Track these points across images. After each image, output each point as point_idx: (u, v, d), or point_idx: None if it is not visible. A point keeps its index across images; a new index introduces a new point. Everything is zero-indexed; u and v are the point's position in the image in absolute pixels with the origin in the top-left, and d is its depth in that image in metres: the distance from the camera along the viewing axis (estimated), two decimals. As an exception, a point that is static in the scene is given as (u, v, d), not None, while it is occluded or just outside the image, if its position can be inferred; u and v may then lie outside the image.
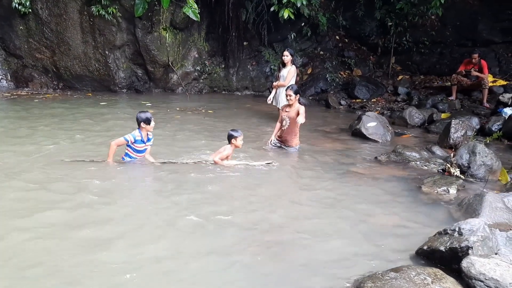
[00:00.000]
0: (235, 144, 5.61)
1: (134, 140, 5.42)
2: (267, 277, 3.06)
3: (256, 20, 11.79)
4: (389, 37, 12.27)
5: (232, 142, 5.61)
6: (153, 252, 3.30)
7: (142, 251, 3.30)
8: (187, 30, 11.53)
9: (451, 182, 5.06)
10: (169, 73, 11.58)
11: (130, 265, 3.09)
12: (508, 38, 11.46)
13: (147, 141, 5.56)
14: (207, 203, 4.31)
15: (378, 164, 6.02)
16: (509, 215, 4.11)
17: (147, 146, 5.58)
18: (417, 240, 3.54)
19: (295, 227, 3.89)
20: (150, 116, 5.47)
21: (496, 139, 7.55)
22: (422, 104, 10.02)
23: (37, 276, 2.91)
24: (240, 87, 12.47)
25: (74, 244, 3.36)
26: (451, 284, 2.78)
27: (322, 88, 12.04)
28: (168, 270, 3.08)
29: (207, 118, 8.75)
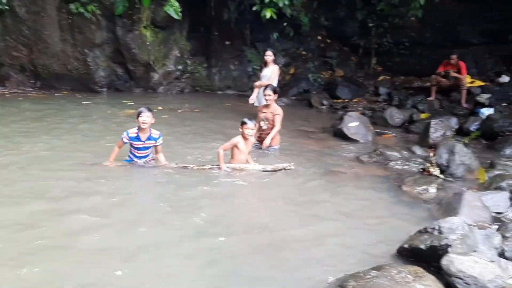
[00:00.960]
0: (243, 133, 5.33)
1: (129, 137, 5.16)
2: (248, 277, 3.04)
3: (239, 20, 11.77)
4: (370, 38, 12.41)
5: (240, 129, 5.37)
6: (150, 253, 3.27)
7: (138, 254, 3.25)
8: (169, 28, 11.43)
9: (430, 181, 5.13)
10: (150, 72, 11.45)
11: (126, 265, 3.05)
12: (485, 40, 11.72)
13: (148, 139, 5.21)
14: (198, 205, 4.26)
15: (359, 164, 6.06)
16: (487, 213, 4.20)
17: (148, 144, 5.25)
18: (398, 239, 3.56)
19: (275, 227, 3.87)
20: (141, 109, 5.13)
21: (474, 139, 7.70)
22: (403, 104, 10.15)
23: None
24: (223, 87, 12.43)
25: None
26: (432, 281, 2.81)
27: (305, 88, 12.09)
28: (161, 268, 3.04)
29: (190, 118, 8.67)
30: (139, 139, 5.20)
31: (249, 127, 5.26)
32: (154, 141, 5.28)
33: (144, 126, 5.12)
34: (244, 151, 5.33)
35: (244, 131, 5.28)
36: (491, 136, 7.57)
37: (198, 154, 6.06)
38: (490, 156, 6.58)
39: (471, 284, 2.69)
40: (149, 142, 5.26)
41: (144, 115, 5.08)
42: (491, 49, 11.71)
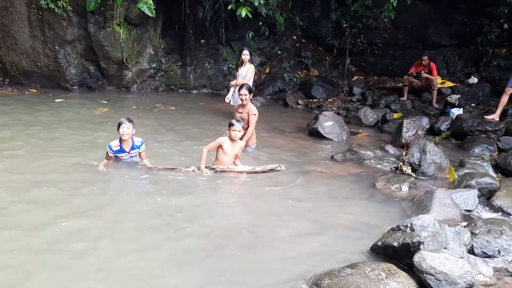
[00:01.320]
0: (230, 135, 5.24)
1: (113, 151, 5.05)
2: (223, 277, 3.03)
3: (214, 18, 11.69)
4: (344, 39, 12.53)
5: (227, 131, 5.29)
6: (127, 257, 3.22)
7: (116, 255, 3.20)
8: (142, 26, 11.26)
9: (403, 180, 5.23)
10: (124, 70, 11.25)
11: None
12: (455, 41, 12.02)
13: (131, 149, 5.11)
14: (178, 207, 4.22)
15: (334, 163, 6.12)
16: (456, 210, 4.31)
17: (133, 154, 5.15)
18: (372, 237, 3.61)
19: (251, 227, 3.87)
20: (121, 120, 4.98)
21: (445, 138, 7.90)
22: (376, 104, 10.31)
23: None
24: (198, 85, 12.32)
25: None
26: (404, 278, 2.86)
27: (280, 88, 12.13)
28: (142, 270, 2.99)
29: (165, 117, 8.57)
30: (123, 150, 5.11)
31: (235, 129, 5.18)
32: (138, 149, 5.20)
33: (125, 137, 5.01)
34: (229, 152, 5.23)
35: (230, 133, 5.19)
36: (460, 136, 7.78)
37: (177, 154, 6.01)
38: (459, 155, 6.78)
39: (441, 280, 2.76)
40: (133, 152, 5.19)
41: (125, 126, 4.94)
42: (461, 51, 12.02)
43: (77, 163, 5.24)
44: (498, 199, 4.71)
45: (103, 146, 5.41)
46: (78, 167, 5.14)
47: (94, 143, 6.26)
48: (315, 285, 2.83)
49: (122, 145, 5.07)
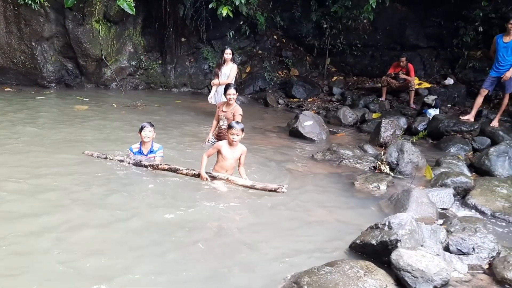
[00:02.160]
0: (228, 138, 4.88)
1: (133, 153, 5.27)
2: (204, 276, 3.03)
3: (195, 17, 11.64)
4: (324, 39, 12.64)
5: (226, 133, 4.97)
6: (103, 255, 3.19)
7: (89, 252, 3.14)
8: (122, 23, 11.12)
9: (381, 179, 5.31)
10: (103, 67, 11.10)
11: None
12: (432, 43, 12.26)
13: (149, 153, 5.30)
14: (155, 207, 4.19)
15: (314, 162, 6.18)
16: (433, 209, 4.40)
17: (150, 157, 5.29)
18: (351, 235, 3.66)
19: (231, 225, 3.88)
20: (144, 124, 5.23)
21: (422, 138, 8.06)
22: (355, 104, 10.44)
23: None
24: (178, 84, 12.25)
25: None
26: (382, 276, 2.91)
27: (261, 87, 12.16)
28: (104, 269, 2.96)
29: (146, 115, 8.48)
30: (141, 153, 5.31)
31: (234, 132, 4.78)
32: (154, 154, 5.35)
33: (146, 140, 5.23)
34: (228, 157, 4.85)
35: (229, 136, 4.83)
36: (437, 136, 7.95)
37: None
38: (436, 154, 6.92)
39: (418, 277, 2.82)
40: (150, 155, 5.35)
41: (147, 130, 5.19)
42: (437, 53, 12.26)
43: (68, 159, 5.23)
44: (473, 197, 4.84)
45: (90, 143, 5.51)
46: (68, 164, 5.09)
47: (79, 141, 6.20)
48: (294, 284, 2.85)
49: (141, 147, 5.30)
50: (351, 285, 2.75)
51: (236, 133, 4.79)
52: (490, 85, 8.12)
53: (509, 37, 7.69)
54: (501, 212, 4.59)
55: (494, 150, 6.12)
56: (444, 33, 11.87)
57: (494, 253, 3.40)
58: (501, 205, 4.70)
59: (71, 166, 5.06)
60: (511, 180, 5.18)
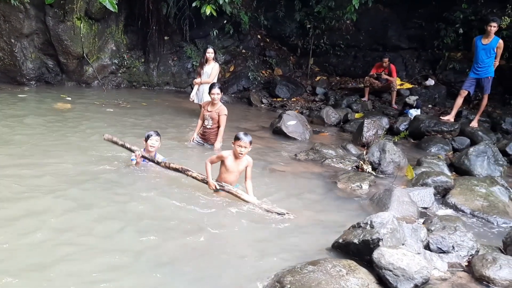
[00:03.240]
0: (234, 150, 4.42)
1: (133, 159, 5.07)
2: (186, 276, 3.01)
3: (178, 15, 11.56)
4: (308, 39, 12.70)
5: (232, 144, 4.49)
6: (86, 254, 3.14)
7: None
8: (104, 21, 10.97)
9: (363, 178, 5.36)
10: (84, 65, 10.93)
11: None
12: (413, 44, 12.43)
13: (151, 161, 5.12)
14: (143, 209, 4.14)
15: (297, 161, 6.20)
16: (414, 208, 4.46)
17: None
18: (333, 234, 3.68)
19: (214, 225, 3.85)
20: (150, 133, 5.05)
21: (403, 137, 8.17)
22: (338, 104, 10.52)
23: None
24: (161, 83, 12.15)
25: None
26: (364, 274, 2.93)
27: (244, 86, 12.15)
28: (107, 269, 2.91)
29: (129, 114, 8.39)
30: (144, 161, 5.11)
31: (242, 144, 4.34)
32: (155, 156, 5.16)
33: (152, 149, 5.06)
34: (232, 170, 4.47)
35: (235, 148, 4.38)
36: (418, 136, 8.07)
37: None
38: (417, 154, 7.03)
39: (399, 276, 2.85)
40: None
41: (153, 139, 5.03)
42: (419, 54, 12.44)
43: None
44: (453, 196, 4.93)
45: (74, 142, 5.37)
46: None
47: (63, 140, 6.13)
48: (277, 283, 2.85)
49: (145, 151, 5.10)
50: (334, 283, 2.77)
51: (244, 145, 4.33)
52: (469, 86, 8.27)
53: (488, 39, 7.84)
54: (480, 211, 4.69)
55: (474, 150, 6.24)
56: (426, 35, 12.05)
57: (473, 251, 3.46)
58: (480, 204, 4.80)
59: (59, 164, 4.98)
60: (490, 179, 5.28)
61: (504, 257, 3.24)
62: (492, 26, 7.70)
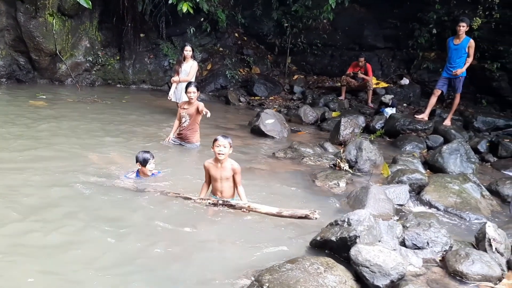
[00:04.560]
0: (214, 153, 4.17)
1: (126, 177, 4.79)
2: (166, 277, 2.98)
3: (154, 12, 11.41)
4: (285, 38, 12.73)
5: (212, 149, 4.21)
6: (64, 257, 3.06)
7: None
8: (78, 17, 10.73)
9: (341, 176, 5.41)
10: (57, 62, 10.67)
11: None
12: (389, 44, 12.62)
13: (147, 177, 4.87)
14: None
15: (275, 160, 6.21)
16: (390, 205, 4.53)
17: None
18: (311, 232, 3.70)
19: (189, 224, 3.82)
20: (149, 156, 4.70)
21: (379, 136, 8.29)
22: (316, 103, 10.59)
23: None
24: (137, 81, 11.96)
25: None
26: (341, 271, 2.96)
27: (222, 85, 12.10)
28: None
29: (105, 113, 8.24)
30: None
31: (220, 144, 4.09)
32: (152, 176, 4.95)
33: (150, 173, 4.85)
34: (216, 177, 4.22)
35: (214, 149, 4.15)
36: (393, 134, 8.21)
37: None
38: (392, 152, 7.14)
39: (376, 272, 2.88)
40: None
41: (152, 163, 4.77)
42: (394, 53, 12.64)
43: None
44: (427, 194, 5.03)
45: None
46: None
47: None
48: (256, 281, 2.85)
49: (139, 175, 4.84)
50: (312, 281, 2.78)
51: (222, 144, 4.08)
52: (442, 85, 8.45)
53: (459, 39, 8.02)
54: (453, 208, 4.80)
55: (447, 148, 6.38)
56: (401, 35, 12.24)
57: (446, 247, 3.53)
58: (453, 200, 4.91)
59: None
60: (462, 176, 5.41)
61: (476, 252, 3.33)
62: (461, 26, 7.87)
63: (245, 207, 3.99)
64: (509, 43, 10.54)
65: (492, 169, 7.04)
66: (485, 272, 3.16)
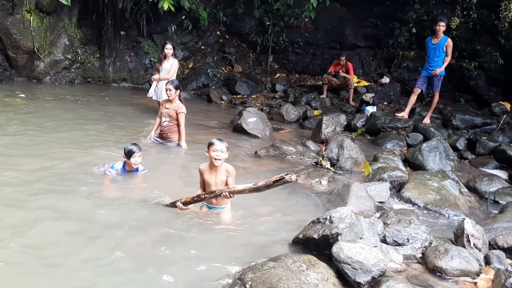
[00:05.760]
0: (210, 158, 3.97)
1: (115, 170, 4.74)
2: (149, 275, 2.95)
3: (134, 10, 11.27)
4: (267, 36, 12.73)
5: (207, 153, 4.00)
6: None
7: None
8: (56, 14, 10.54)
9: (323, 174, 5.44)
10: (35, 60, 10.46)
11: None
12: (369, 43, 12.76)
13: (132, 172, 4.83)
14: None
15: (257, 158, 6.21)
16: (371, 202, 4.57)
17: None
18: (293, 230, 3.71)
19: (173, 225, 3.79)
20: (134, 149, 4.66)
21: (360, 134, 8.36)
22: (297, 101, 10.63)
23: None
24: (117, 79, 11.81)
25: None
26: (323, 269, 2.98)
27: (204, 83, 12.04)
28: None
29: (86, 111, 8.10)
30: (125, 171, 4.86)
31: (217, 148, 3.86)
32: (137, 172, 4.90)
33: (135, 166, 4.81)
34: (211, 182, 3.97)
35: (210, 154, 3.90)
36: (374, 132, 8.30)
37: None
38: (373, 150, 7.22)
39: (357, 269, 2.91)
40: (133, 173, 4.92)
41: (137, 156, 4.74)
42: (374, 52, 12.79)
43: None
44: (407, 191, 5.10)
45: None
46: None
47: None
48: (238, 280, 2.84)
49: (125, 168, 4.84)
50: (294, 279, 2.79)
51: (219, 149, 3.86)
52: (422, 84, 8.57)
53: (437, 38, 8.15)
54: (432, 204, 4.88)
55: (426, 146, 6.48)
56: (381, 34, 12.39)
57: (426, 243, 3.59)
58: (433, 197, 4.99)
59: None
60: (442, 173, 5.50)
61: (455, 248, 3.39)
62: (440, 25, 8.00)
63: (225, 191, 3.66)
64: (486, 42, 10.78)
65: (470, 166, 7.19)
66: (464, 267, 3.23)
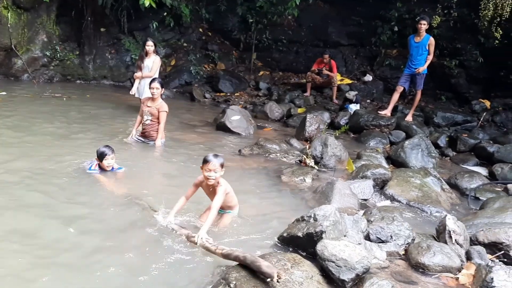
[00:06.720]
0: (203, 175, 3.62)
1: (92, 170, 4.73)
2: (135, 276, 2.90)
3: (115, 6, 11.08)
4: (250, 34, 12.69)
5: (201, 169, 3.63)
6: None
7: None
8: (34, 10, 10.28)
9: (307, 172, 5.44)
10: (12, 57, 10.20)
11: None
12: (352, 41, 12.82)
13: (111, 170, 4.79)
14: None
15: (241, 157, 6.17)
16: (354, 200, 4.59)
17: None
18: (278, 228, 3.69)
19: (150, 225, 3.72)
20: (106, 151, 4.67)
21: (344, 132, 8.40)
22: (281, 99, 10.61)
23: None
24: (98, 76, 11.60)
25: None
26: (308, 267, 2.96)
27: (187, 81, 11.91)
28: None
29: (66, 110, 7.93)
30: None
31: (209, 168, 3.51)
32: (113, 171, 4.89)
33: (108, 168, 4.79)
34: (209, 196, 3.79)
35: (203, 172, 3.60)
36: (357, 130, 8.34)
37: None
38: (357, 147, 7.25)
39: (342, 266, 2.90)
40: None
41: (109, 158, 4.73)
42: (357, 50, 12.85)
43: None
44: (390, 188, 5.13)
45: None
46: None
47: None
48: (223, 279, 2.81)
49: (101, 168, 4.81)
50: (279, 278, 2.76)
51: (212, 168, 3.50)
52: (405, 82, 8.65)
53: (419, 37, 8.22)
54: (415, 201, 4.92)
55: (409, 143, 6.54)
56: (364, 32, 12.46)
57: (409, 239, 3.61)
58: (415, 194, 5.03)
59: None
60: (424, 171, 5.56)
61: (437, 244, 3.42)
62: (422, 24, 8.09)
63: (202, 243, 3.24)
64: (466, 41, 10.93)
65: (451, 163, 7.29)
66: (446, 263, 3.25)
